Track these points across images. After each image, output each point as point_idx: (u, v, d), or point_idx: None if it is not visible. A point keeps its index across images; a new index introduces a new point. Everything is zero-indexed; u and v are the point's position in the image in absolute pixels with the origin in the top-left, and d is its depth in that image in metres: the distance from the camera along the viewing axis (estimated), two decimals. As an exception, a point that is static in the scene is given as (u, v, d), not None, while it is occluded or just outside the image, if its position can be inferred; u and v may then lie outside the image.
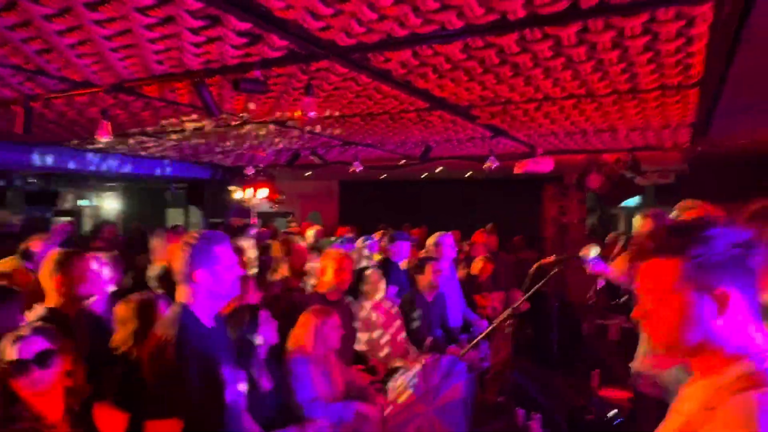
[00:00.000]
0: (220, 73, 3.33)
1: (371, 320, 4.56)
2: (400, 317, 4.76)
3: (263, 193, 9.53)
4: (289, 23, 2.56)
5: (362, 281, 4.64)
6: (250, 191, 9.50)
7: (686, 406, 1.29)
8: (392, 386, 3.98)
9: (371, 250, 6.00)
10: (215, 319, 2.32)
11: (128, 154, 7.91)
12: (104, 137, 3.97)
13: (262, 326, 3.25)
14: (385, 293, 4.70)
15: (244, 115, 4.70)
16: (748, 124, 5.60)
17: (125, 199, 13.94)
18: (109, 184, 12.76)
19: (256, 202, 9.88)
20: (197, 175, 9.41)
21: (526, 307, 6.39)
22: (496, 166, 6.30)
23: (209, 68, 3.28)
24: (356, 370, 4.06)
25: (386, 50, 2.96)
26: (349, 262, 3.89)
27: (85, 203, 13.72)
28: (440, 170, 9.10)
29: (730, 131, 5.91)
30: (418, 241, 8.14)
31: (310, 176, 10.46)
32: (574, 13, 2.40)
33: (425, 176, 10.23)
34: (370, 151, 7.12)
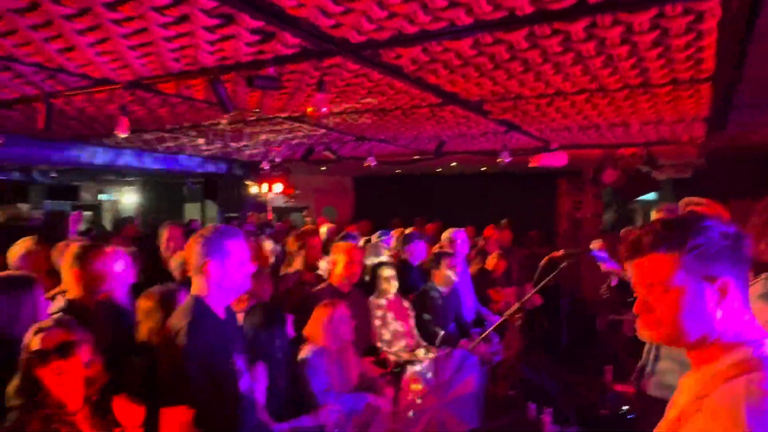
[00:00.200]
0: (234, 70, 3.39)
1: (383, 314, 4.62)
2: (411, 312, 4.81)
3: (278, 187, 9.62)
4: (300, 21, 2.61)
5: (376, 276, 4.70)
6: (265, 186, 9.59)
7: (682, 397, 1.32)
8: (404, 379, 4.03)
9: (386, 245, 6.06)
10: (227, 311, 2.39)
11: (146, 149, 8.04)
12: (122, 133, 4.06)
13: (275, 321, 3.31)
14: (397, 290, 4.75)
15: (258, 110, 4.77)
16: (764, 119, 5.54)
17: (144, 193, 14.16)
18: (128, 178, 12.96)
19: (271, 196, 9.98)
20: (213, 170, 9.53)
21: (539, 301, 6.42)
22: (509, 160, 6.31)
23: (223, 65, 3.35)
24: (368, 362, 4.12)
25: (397, 47, 3.00)
26: (359, 254, 3.96)
27: (104, 197, 13.96)
28: (454, 165, 9.11)
29: (746, 126, 5.85)
30: (432, 236, 8.18)
31: (325, 171, 10.55)
32: (581, 8, 2.43)
33: (439, 171, 10.24)
34: (383, 146, 7.17)
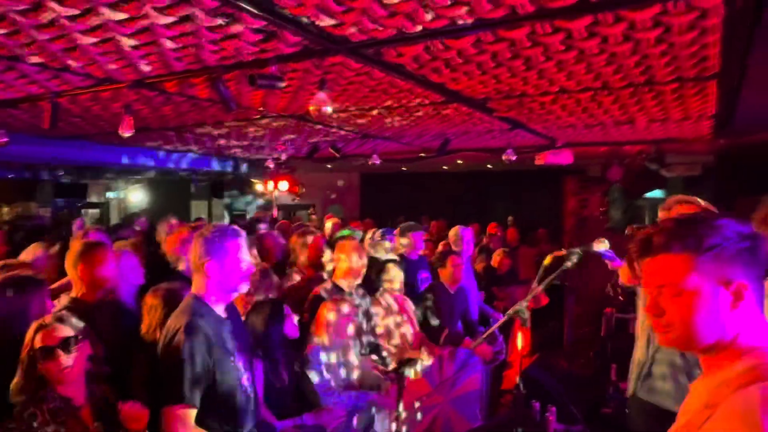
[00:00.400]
0: (236, 68, 3.40)
1: (386, 312, 4.61)
2: (415, 309, 4.81)
3: (284, 185, 9.64)
4: (302, 20, 2.61)
5: (381, 273, 4.69)
6: (271, 184, 9.62)
7: (692, 403, 1.26)
8: (407, 377, 4.03)
9: (390, 242, 6.05)
10: (228, 309, 2.40)
11: (152, 147, 8.08)
12: (126, 132, 4.09)
13: (279, 319, 3.32)
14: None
15: (262, 109, 4.78)
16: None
17: (151, 191, 14.22)
18: (135, 177, 13.03)
19: (277, 194, 10.01)
20: (220, 168, 9.57)
21: (545, 301, 6.39)
22: (514, 158, 6.29)
23: (226, 64, 3.35)
24: (370, 360, 4.12)
25: (398, 45, 3.00)
26: (362, 252, 3.95)
27: (112, 195, 14.03)
28: (460, 162, 9.10)
29: (754, 124, 5.80)
30: (437, 233, 8.17)
31: (331, 169, 10.56)
32: (582, 6, 2.41)
33: (445, 168, 10.23)
34: (388, 144, 7.17)
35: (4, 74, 3.70)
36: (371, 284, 4.68)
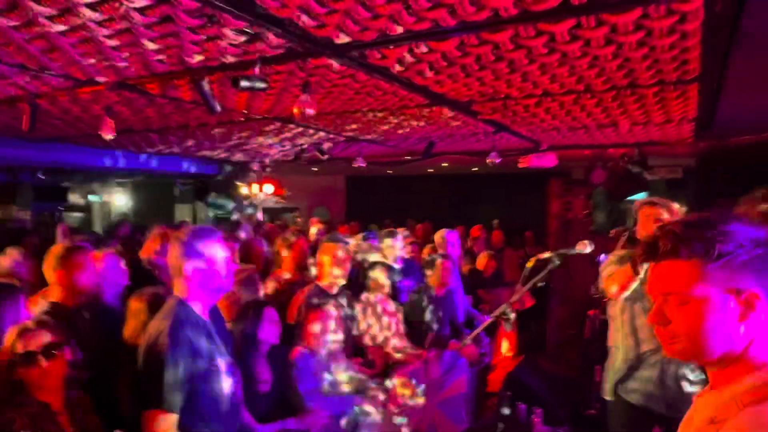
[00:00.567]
0: (219, 70, 3.37)
1: (372, 315, 4.60)
2: (399, 313, 4.80)
3: (269, 188, 9.60)
4: (284, 22, 2.60)
5: (367, 276, 4.68)
6: (256, 187, 9.57)
7: (696, 417, 1.20)
8: (392, 381, 4.02)
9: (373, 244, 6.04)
10: (211, 312, 2.37)
11: (135, 150, 7.99)
12: (107, 134, 4.04)
13: (264, 323, 3.30)
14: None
15: (246, 111, 4.75)
16: (752, 120, 5.58)
17: (134, 194, 14.08)
18: (118, 179, 12.88)
19: (262, 197, 9.96)
20: (204, 171, 9.49)
21: (530, 303, 6.42)
22: (498, 161, 6.32)
23: (209, 66, 3.33)
24: (356, 363, 4.11)
25: (382, 47, 3.00)
26: (345, 255, 3.94)
27: (95, 199, 13.86)
28: (446, 165, 9.13)
29: (735, 127, 5.89)
30: (422, 236, 8.19)
31: (317, 171, 10.54)
32: (565, 9, 2.42)
33: (431, 171, 10.26)
34: (373, 147, 7.16)
35: (-20, 75, 3.64)
36: (357, 287, 4.67)
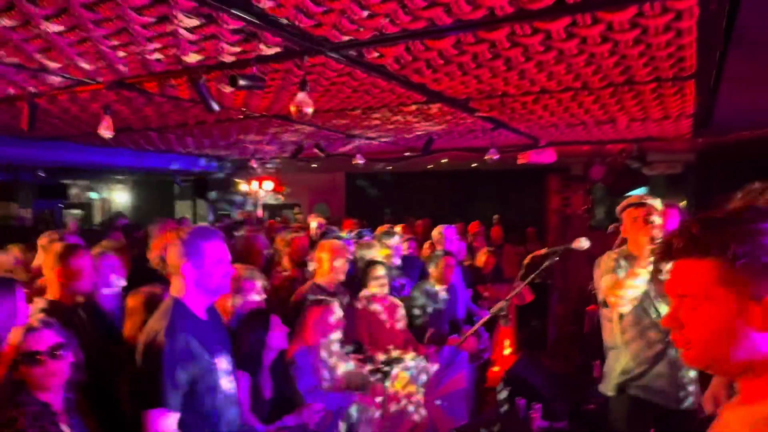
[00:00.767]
0: (217, 69, 3.38)
1: (371, 311, 4.61)
2: (400, 309, 4.82)
3: (268, 185, 9.62)
4: (281, 21, 2.61)
5: (367, 273, 4.68)
6: (255, 184, 9.59)
7: None
8: (392, 376, 4.04)
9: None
10: (209, 311, 2.38)
11: (135, 148, 8.01)
12: (106, 132, 4.05)
13: (274, 332, 3.30)
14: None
15: (244, 109, 4.76)
16: (750, 116, 5.58)
17: (134, 191, 14.11)
18: (118, 177, 12.91)
19: (262, 194, 9.98)
20: (203, 168, 9.51)
21: (530, 298, 6.44)
22: (497, 157, 6.33)
23: (206, 65, 3.34)
24: (355, 359, 4.13)
25: (379, 46, 3.00)
26: (344, 252, 3.95)
27: (94, 196, 13.89)
28: (445, 162, 9.14)
29: (732, 123, 5.89)
30: (422, 232, 8.20)
31: (316, 168, 10.55)
32: (561, 7, 2.43)
33: (430, 168, 10.27)
34: (372, 143, 7.17)
35: (-21, 75, 3.65)
36: (356, 284, 4.68)
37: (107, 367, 2.60)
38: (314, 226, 7.07)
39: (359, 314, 4.49)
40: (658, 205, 3.22)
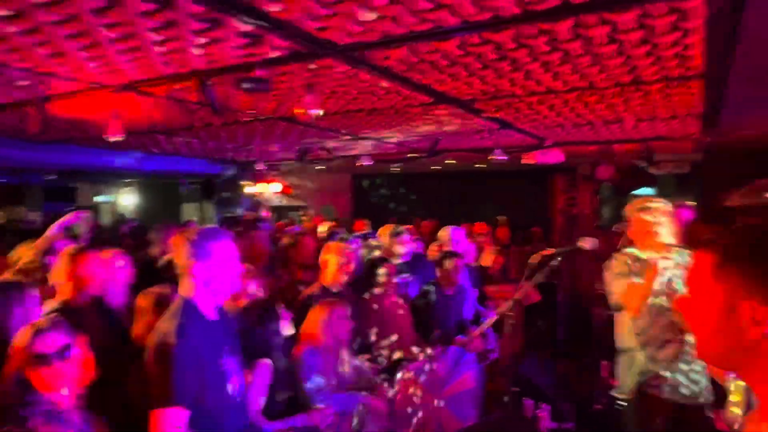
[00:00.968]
0: (224, 72, 3.40)
1: (379, 311, 4.62)
2: (407, 309, 4.83)
3: (275, 187, 9.65)
4: (287, 24, 2.62)
5: (373, 272, 4.69)
6: (262, 186, 9.62)
7: None
8: (399, 377, 4.04)
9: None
10: (218, 311, 2.40)
11: (142, 150, 8.05)
12: (115, 136, 4.08)
13: (282, 319, 3.33)
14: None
15: (252, 111, 4.78)
16: (758, 115, 5.56)
17: (142, 194, 14.18)
18: (125, 179, 12.98)
19: (268, 196, 10.01)
20: (210, 170, 9.55)
21: (537, 298, 6.43)
22: (502, 158, 6.32)
23: (213, 68, 3.36)
24: (362, 360, 4.14)
25: (385, 48, 3.01)
26: (351, 254, 3.97)
27: (102, 199, 13.97)
28: (451, 162, 9.14)
29: (741, 122, 5.87)
30: (428, 233, 8.20)
31: (323, 170, 10.57)
32: (566, 8, 2.43)
33: (436, 168, 10.27)
34: (378, 144, 7.18)
35: (-11, 80, 3.68)
36: (362, 285, 4.69)
37: (117, 366, 2.63)
38: (323, 229, 7.10)
39: (366, 314, 4.50)
40: (668, 207, 3.23)
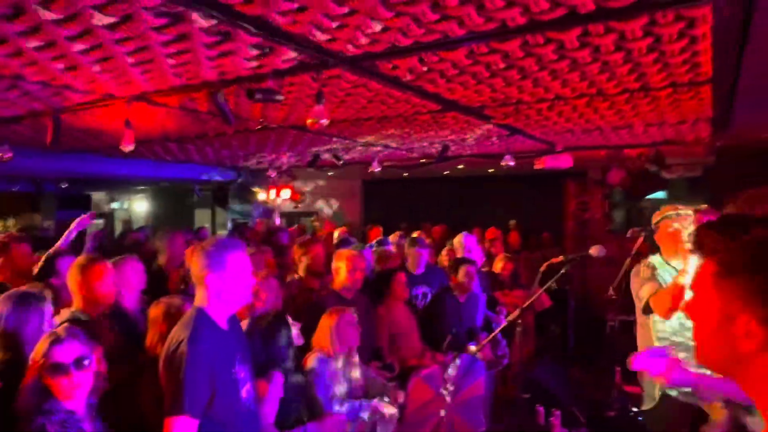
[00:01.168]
0: (235, 83, 3.45)
1: (391, 319, 4.64)
2: (415, 317, 4.84)
3: (286, 193, 9.72)
4: (296, 36, 2.66)
5: (388, 281, 4.71)
6: (273, 192, 9.69)
7: None
8: (410, 384, 4.05)
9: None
10: (230, 321, 2.43)
11: (155, 159, 8.14)
12: (128, 146, 4.14)
13: (294, 329, 3.35)
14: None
15: (262, 120, 4.84)
16: (769, 117, 5.51)
17: (155, 200, 14.31)
18: (139, 187, 13.12)
19: (279, 202, 10.08)
20: (222, 177, 9.64)
21: (548, 304, 6.41)
22: (512, 164, 6.33)
23: (224, 79, 3.41)
24: (374, 367, 4.15)
25: (393, 58, 3.04)
26: (361, 261, 3.99)
27: (116, 206, 14.13)
28: (461, 167, 9.14)
29: (751, 125, 5.81)
30: (438, 239, 8.21)
31: (333, 176, 10.62)
32: (573, 18, 2.45)
33: (446, 173, 10.28)
34: (388, 151, 7.21)
35: (7, 92, 3.76)
36: (374, 292, 4.71)
37: (130, 375, 2.66)
38: (337, 235, 7.13)
39: (378, 322, 4.52)
40: (691, 212, 3.25)
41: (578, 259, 3.18)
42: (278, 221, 10.26)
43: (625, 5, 2.31)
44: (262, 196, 10.11)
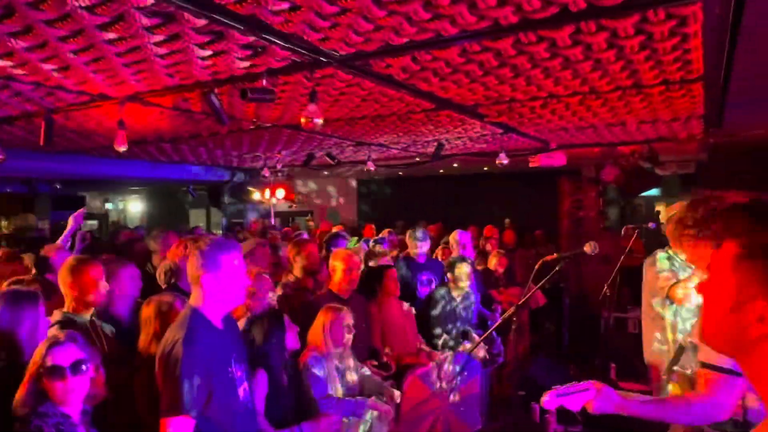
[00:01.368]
0: (228, 83, 3.45)
1: (386, 317, 4.64)
2: (413, 315, 4.84)
3: (280, 193, 9.72)
4: (289, 36, 2.66)
5: (382, 279, 4.71)
6: (268, 192, 9.69)
7: None
8: (406, 383, 4.06)
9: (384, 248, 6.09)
10: (225, 320, 2.43)
11: (149, 159, 8.12)
12: (121, 146, 4.13)
13: (289, 331, 3.35)
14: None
15: (255, 120, 4.83)
16: (762, 114, 5.54)
17: (149, 201, 14.29)
18: (133, 187, 13.09)
19: (274, 201, 10.07)
20: (217, 177, 9.63)
21: (543, 302, 6.44)
22: (506, 162, 6.34)
23: (217, 79, 3.40)
24: (370, 365, 4.15)
25: (386, 57, 3.05)
26: (356, 261, 3.99)
27: (110, 206, 14.09)
28: (456, 166, 9.16)
29: (744, 122, 5.85)
30: (434, 237, 8.21)
31: (328, 175, 10.62)
32: (564, 16, 2.46)
33: (441, 172, 10.30)
34: (383, 150, 7.22)
35: (-1, 93, 3.75)
36: (369, 291, 4.71)
37: (123, 376, 2.65)
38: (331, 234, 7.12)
39: (374, 320, 4.52)
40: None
41: (572, 256, 3.18)
42: (273, 221, 10.26)
43: (616, 3, 2.33)
44: (256, 195, 10.09)
